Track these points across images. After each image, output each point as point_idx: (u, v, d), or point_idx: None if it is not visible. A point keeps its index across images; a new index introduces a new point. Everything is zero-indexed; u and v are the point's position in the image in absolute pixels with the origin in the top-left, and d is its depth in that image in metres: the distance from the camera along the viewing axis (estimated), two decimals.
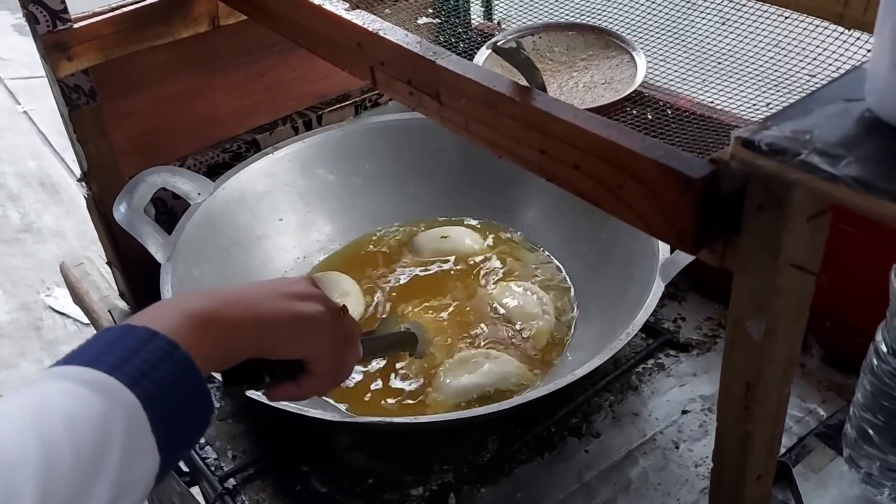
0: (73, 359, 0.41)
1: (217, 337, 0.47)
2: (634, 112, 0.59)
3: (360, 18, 0.57)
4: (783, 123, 0.37)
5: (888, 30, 0.35)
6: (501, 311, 0.84)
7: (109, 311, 0.95)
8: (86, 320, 1.90)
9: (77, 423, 0.38)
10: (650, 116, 0.58)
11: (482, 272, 0.89)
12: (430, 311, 0.85)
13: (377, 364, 0.78)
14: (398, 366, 0.79)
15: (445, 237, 0.92)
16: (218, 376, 0.55)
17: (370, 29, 0.56)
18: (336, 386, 0.62)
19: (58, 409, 0.38)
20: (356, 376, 0.77)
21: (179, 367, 0.43)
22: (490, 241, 0.93)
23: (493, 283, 0.88)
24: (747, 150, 0.37)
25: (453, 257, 0.91)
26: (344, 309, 0.58)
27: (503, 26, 0.89)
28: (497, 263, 0.90)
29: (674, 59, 0.64)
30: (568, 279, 0.87)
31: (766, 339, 0.42)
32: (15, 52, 3.20)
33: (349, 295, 0.86)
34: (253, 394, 0.60)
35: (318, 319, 0.54)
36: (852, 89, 0.39)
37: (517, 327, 0.81)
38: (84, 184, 0.85)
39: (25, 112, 2.82)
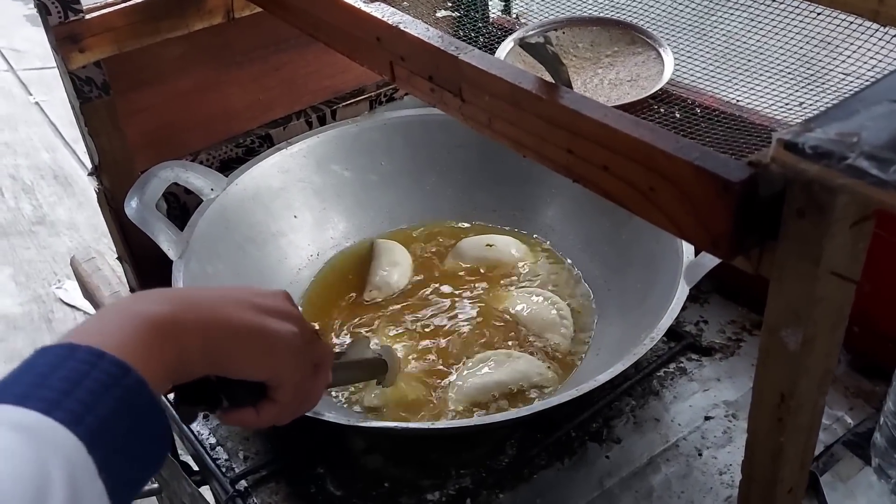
0: (11, 385, 0.35)
1: (172, 347, 0.41)
2: (662, 110, 0.57)
3: (380, 11, 0.55)
4: (828, 125, 0.36)
5: None
6: (520, 316, 0.82)
7: None
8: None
9: (8, 482, 0.31)
10: (678, 115, 0.56)
11: (508, 278, 0.88)
12: (452, 311, 0.84)
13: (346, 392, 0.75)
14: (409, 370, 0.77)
15: (491, 245, 0.90)
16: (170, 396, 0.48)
17: (390, 22, 0.54)
18: (299, 415, 0.55)
19: None
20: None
21: (130, 394, 0.37)
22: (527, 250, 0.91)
23: (515, 288, 0.86)
24: (790, 152, 0.35)
25: (496, 266, 0.89)
26: (317, 333, 0.54)
27: (522, 20, 0.88)
28: (525, 270, 0.88)
29: (701, 55, 0.62)
30: (584, 281, 0.86)
31: (802, 349, 0.41)
32: (28, 42, 3.21)
33: (399, 265, 0.87)
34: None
35: (286, 339, 0.49)
36: None
37: (536, 333, 0.80)
38: (95, 178, 0.84)
39: (38, 103, 2.82)
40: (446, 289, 0.86)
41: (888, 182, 0.32)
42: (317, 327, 0.53)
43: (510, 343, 0.79)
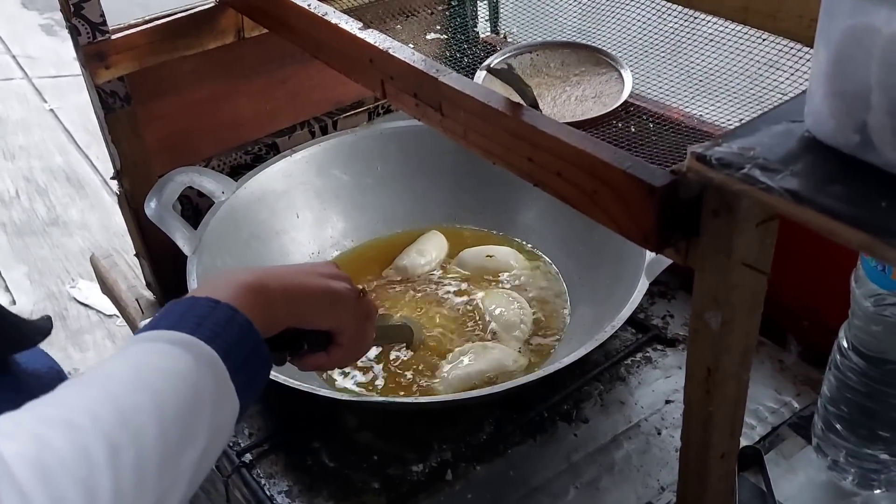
0: (155, 326, 0.48)
1: (263, 304, 0.54)
2: (619, 124, 0.65)
3: (372, 37, 0.63)
4: (733, 140, 0.43)
5: (822, 60, 0.41)
6: (491, 314, 0.90)
7: (137, 301, 1.02)
8: (108, 311, 1.98)
9: (175, 377, 0.45)
10: (633, 129, 0.63)
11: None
12: (432, 306, 0.91)
13: (376, 352, 0.85)
14: (402, 357, 0.85)
15: (490, 256, 0.96)
16: None
17: (381, 47, 0.62)
18: (357, 358, 0.69)
19: (156, 367, 0.45)
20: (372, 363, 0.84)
21: (242, 329, 0.50)
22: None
23: (496, 287, 0.94)
24: (700, 163, 0.42)
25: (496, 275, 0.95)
26: (364, 291, 0.66)
27: (509, 39, 0.95)
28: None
29: (664, 74, 0.70)
30: (560, 276, 0.94)
31: (722, 329, 0.48)
32: (43, 51, 3.29)
33: (425, 255, 0.96)
34: (277, 377, 0.66)
35: (344, 295, 0.62)
36: (796, 112, 0.44)
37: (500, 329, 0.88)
38: (117, 181, 0.92)
39: (52, 110, 2.91)
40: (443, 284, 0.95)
41: (773, 188, 0.40)
42: (362, 287, 0.67)
43: (485, 335, 0.87)
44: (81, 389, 0.44)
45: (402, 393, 0.81)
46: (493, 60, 0.70)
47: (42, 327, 0.65)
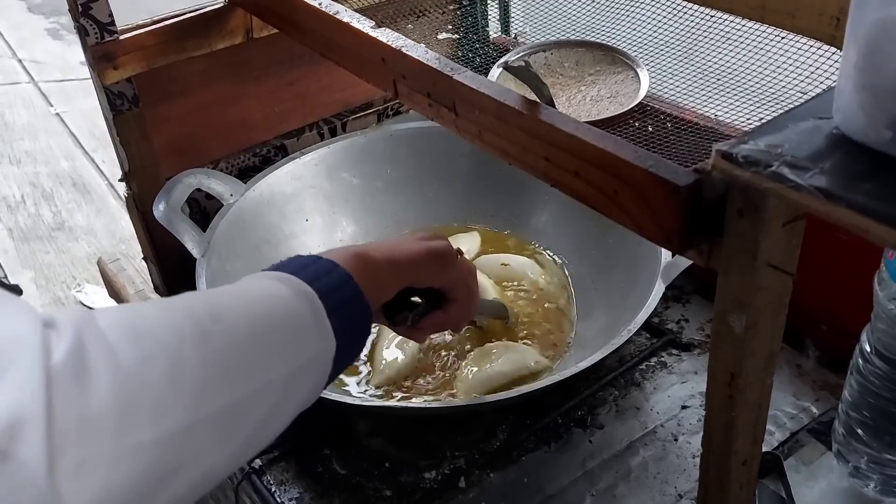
0: (276, 269, 0.52)
1: (367, 269, 0.56)
2: (636, 124, 0.63)
3: (385, 36, 0.62)
4: (759, 138, 0.42)
5: (852, 54, 0.40)
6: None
7: None
8: None
9: (271, 298, 0.48)
10: (651, 129, 0.62)
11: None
12: None
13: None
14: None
15: (506, 265, 0.95)
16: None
17: (393, 46, 0.61)
18: (472, 316, 0.72)
19: (254, 288, 0.49)
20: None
21: (341, 279, 0.53)
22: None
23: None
24: (726, 161, 0.41)
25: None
26: (460, 251, 0.69)
27: (520, 40, 0.94)
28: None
29: (679, 74, 0.69)
30: (574, 280, 0.92)
31: (747, 332, 0.46)
32: (48, 55, 3.30)
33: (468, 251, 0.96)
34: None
35: (448, 252, 0.65)
36: (824, 108, 0.43)
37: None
38: (125, 183, 0.91)
39: (58, 114, 2.91)
40: None
41: (803, 186, 0.39)
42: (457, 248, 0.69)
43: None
44: (183, 295, 0.46)
45: (429, 388, 0.80)
46: (509, 58, 0.68)
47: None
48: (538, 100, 0.55)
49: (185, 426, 0.39)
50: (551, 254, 0.96)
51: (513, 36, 0.98)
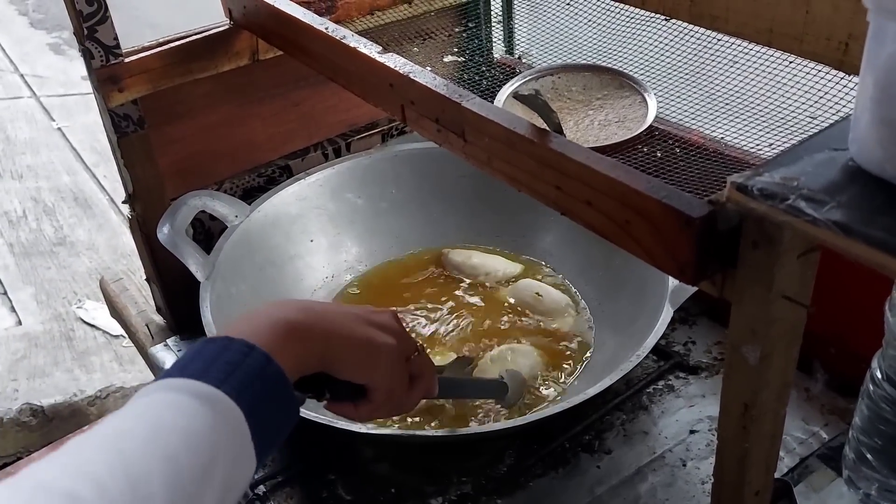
0: (182, 370, 0.46)
1: (302, 346, 0.52)
2: (645, 150, 0.63)
3: (392, 61, 0.62)
4: (774, 170, 0.41)
5: (868, 87, 0.40)
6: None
7: (147, 325, 1.00)
8: (115, 332, 1.97)
9: (193, 436, 0.42)
10: (659, 154, 0.62)
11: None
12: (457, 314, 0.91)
13: None
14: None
15: (539, 296, 0.93)
16: None
17: (401, 71, 0.61)
18: (392, 416, 0.65)
19: (175, 426, 0.42)
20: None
21: (274, 381, 0.48)
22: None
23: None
24: (741, 193, 0.41)
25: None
26: (420, 349, 0.62)
27: (524, 61, 0.94)
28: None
29: (686, 97, 0.68)
30: (581, 303, 0.92)
31: (761, 363, 0.46)
32: (51, 70, 3.30)
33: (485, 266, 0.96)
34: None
35: (385, 351, 0.57)
36: (839, 139, 0.43)
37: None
38: (128, 205, 0.91)
39: (60, 129, 2.91)
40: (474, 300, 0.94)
41: (821, 220, 0.38)
42: (421, 344, 0.63)
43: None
44: (92, 450, 0.41)
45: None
46: (516, 84, 0.68)
47: None
48: (547, 126, 0.54)
49: None
50: (560, 276, 0.95)
51: (517, 57, 0.98)
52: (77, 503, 0.37)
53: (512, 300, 0.93)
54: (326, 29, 0.68)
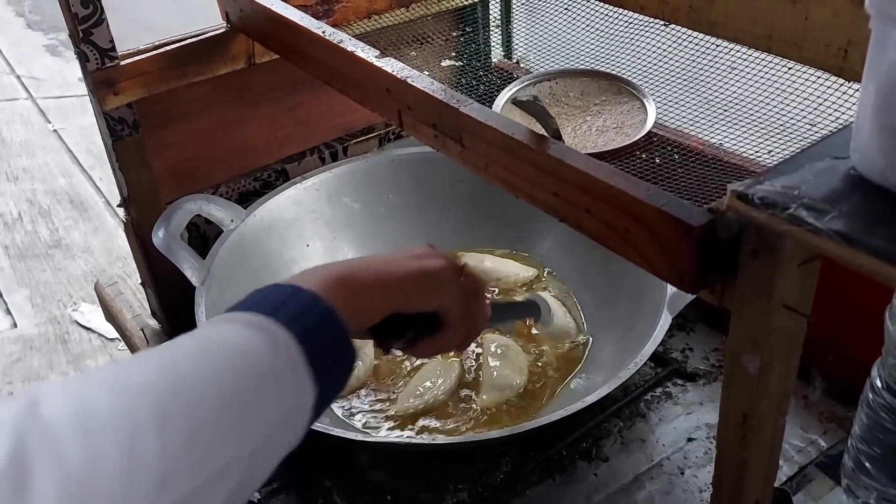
0: (233, 310, 0.47)
1: (353, 294, 0.52)
2: (643, 156, 0.63)
3: (390, 66, 0.62)
4: (775, 179, 0.41)
5: (871, 95, 0.39)
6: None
7: (142, 330, 0.99)
8: (110, 335, 1.96)
9: (241, 354, 0.43)
10: (658, 161, 0.61)
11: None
12: None
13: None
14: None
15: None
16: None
17: (398, 76, 0.60)
18: (473, 339, 0.66)
19: (223, 342, 0.43)
20: None
21: (323, 316, 0.48)
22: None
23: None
24: (742, 202, 0.41)
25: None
26: (465, 266, 0.63)
27: (522, 65, 0.94)
28: None
29: (684, 103, 0.68)
30: (578, 308, 0.91)
31: (761, 373, 0.46)
32: (47, 71, 3.29)
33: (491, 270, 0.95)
34: None
35: (441, 273, 0.58)
36: (840, 147, 0.43)
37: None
38: (123, 209, 0.90)
39: (56, 131, 2.90)
40: None
41: (822, 230, 0.38)
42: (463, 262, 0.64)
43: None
44: (140, 359, 0.43)
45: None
46: (514, 89, 0.68)
47: None
48: (545, 132, 0.54)
49: None
50: (556, 279, 0.95)
51: (515, 61, 0.98)
52: (122, 393, 0.38)
53: None
54: (323, 33, 0.68)
